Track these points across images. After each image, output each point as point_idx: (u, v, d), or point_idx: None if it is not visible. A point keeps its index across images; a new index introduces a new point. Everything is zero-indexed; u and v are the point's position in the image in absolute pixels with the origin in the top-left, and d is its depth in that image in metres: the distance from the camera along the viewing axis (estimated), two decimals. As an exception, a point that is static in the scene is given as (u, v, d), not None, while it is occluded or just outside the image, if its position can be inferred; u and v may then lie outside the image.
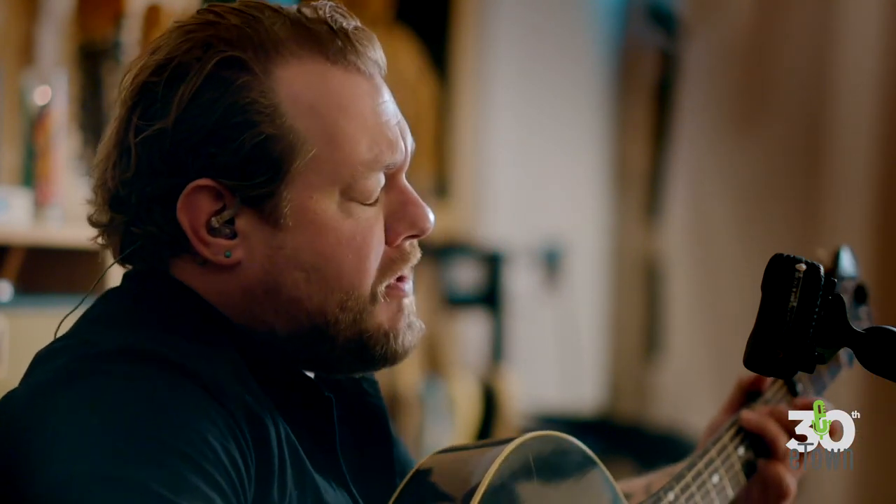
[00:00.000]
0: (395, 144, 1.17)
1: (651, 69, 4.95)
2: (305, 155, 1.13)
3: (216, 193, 1.13)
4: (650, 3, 4.89)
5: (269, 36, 1.14)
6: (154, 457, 1.00)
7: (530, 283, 4.68)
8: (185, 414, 1.04)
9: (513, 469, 1.19)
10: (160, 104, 1.12)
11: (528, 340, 4.60)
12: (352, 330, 1.16)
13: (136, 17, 2.86)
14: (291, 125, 1.13)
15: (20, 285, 2.49)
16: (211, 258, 1.14)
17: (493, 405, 4.11)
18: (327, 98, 1.15)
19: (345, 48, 1.16)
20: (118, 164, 1.14)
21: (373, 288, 1.16)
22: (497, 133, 4.59)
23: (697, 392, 4.40)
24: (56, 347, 1.13)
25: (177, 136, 1.12)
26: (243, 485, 1.04)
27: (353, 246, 1.15)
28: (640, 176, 5.01)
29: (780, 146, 4.14)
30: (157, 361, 1.07)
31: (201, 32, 1.14)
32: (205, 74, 1.12)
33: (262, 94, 1.12)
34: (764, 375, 1.29)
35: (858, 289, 1.55)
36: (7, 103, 2.58)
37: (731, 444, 1.42)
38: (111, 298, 1.19)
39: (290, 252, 1.14)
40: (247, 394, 1.09)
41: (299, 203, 1.13)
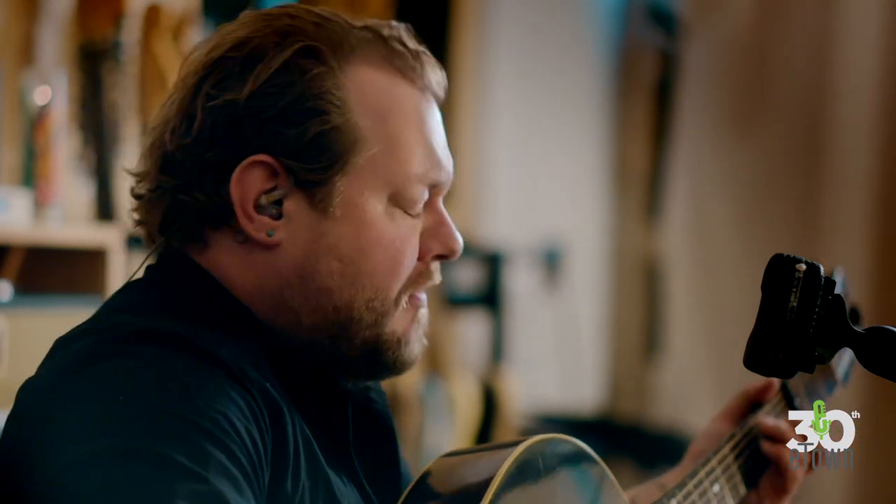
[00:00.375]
0: (442, 166, 1.23)
1: (651, 69, 4.95)
2: (365, 152, 1.16)
3: (271, 171, 1.15)
4: (650, 3, 4.89)
5: (347, 37, 1.18)
6: (179, 433, 1.01)
7: (530, 283, 4.68)
8: (208, 393, 1.05)
9: (521, 472, 1.20)
10: (235, 77, 1.15)
11: (528, 340, 4.60)
12: (371, 331, 1.18)
13: (136, 17, 2.86)
14: (357, 122, 1.16)
15: (20, 285, 2.49)
16: (253, 234, 1.16)
17: (493, 405, 4.11)
18: (393, 105, 1.19)
19: (414, 65, 1.21)
20: (178, 128, 1.16)
21: (398, 294, 1.19)
22: (497, 133, 4.59)
23: (697, 392, 4.40)
24: (77, 332, 1.14)
25: (247, 109, 1.14)
26: (262, 466, 1.05)
27: (391, 249, 1.18)
28: (640, 176, 5.01)
29: (780, 146, 4.14)
30: (181, 343, 1.08)
31: (280, 21, 1.18)
32: (283, 58, 1.15)
33: (335, 86, 1.16)
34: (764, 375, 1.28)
35: (852, 311, 1.55)
36: (7, 103, 2.58)
37: (732, 454, 1.43)
38: (132, 289, 1.20)
39: (332, 241, 1.16)
40: (266, 382, 1.10)
41: (350, 196, 1.16)
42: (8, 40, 2.72)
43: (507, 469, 1.18)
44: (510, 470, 1.18)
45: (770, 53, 4.17)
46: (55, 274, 2.53)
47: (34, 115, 2.51)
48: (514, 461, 1.19)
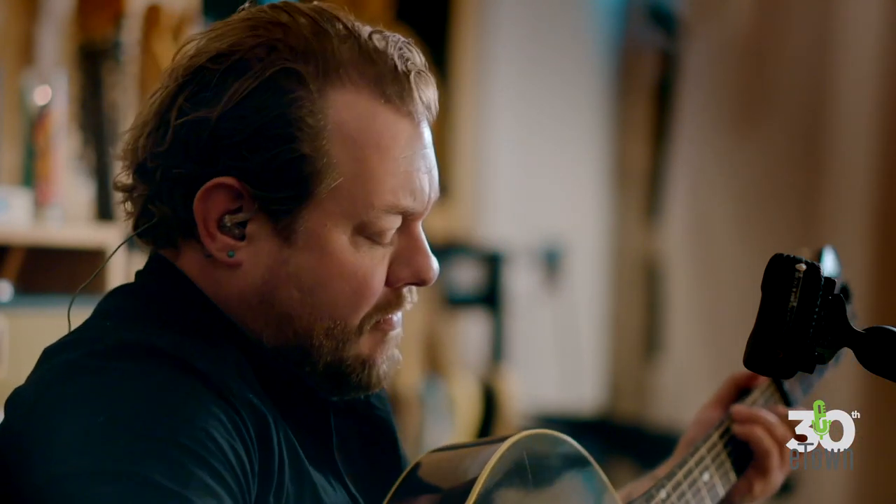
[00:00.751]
0: (418, 193, 1.18)
1: (651, 69, 4.95)
2: (331, 182, 1.14)
3: (236, 194, 1.14)
4: (650, 3, 4.89)
5: (334, 56, 1.14)
6: (160, 452, 1.00)
7: (530, 283, 4.68)
8: (191, 410, 1.04)
9: (507, 467, 1.20)
10: (211, 93, 1.13)
11: (528, 340, 4.60)
12: (332, 356, 1.17)
13: (136, 17, 2.86)
14: (328, 150, 1.13)
15: (20, 285, 2.49)
16: (214, 253, 1.15)
17: (493, 405, 4.11)
18: (369, 135, 1.15)
19: (402, 90, 1.16)
20: (153, 134, 1.15)
21: (362, 322, 1.17)
22: (497, 133, 4.59)
23: (697, 392, 4.39)
24: (63, 343, 1.14)
25: (217, 130, 1.12)
26: (248, 482, 1.05)
27: (353, 281, 1.16)
28: (640, 176, 5.01)
29: (780, 146, 4.14)
30: (163, 358, 1.07)
31: (269, 33, 1.15)
32: (262, 78, 1.12)
33: (310, 112, 1.13)
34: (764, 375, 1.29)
35: (842, 288, 1.55)
36: (7, 103, 2.58)
37: (721, 441, 1.44)
38: (119, 294, 1.20)
39: (293, 269, 1.15)
40: (250, 392, 1.10)
41: (313, 227, 1.14)
42: (8, 40, 2.72)
43: (493, 465, 1.18)
44: (496, 466, 1.18)
45: (770, 53, 4.17)
46: (55, 274, 2.53)
47: (34, 115, 2.51)
48: (500, 457, 1.19)
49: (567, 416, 4.56)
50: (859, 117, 3.86)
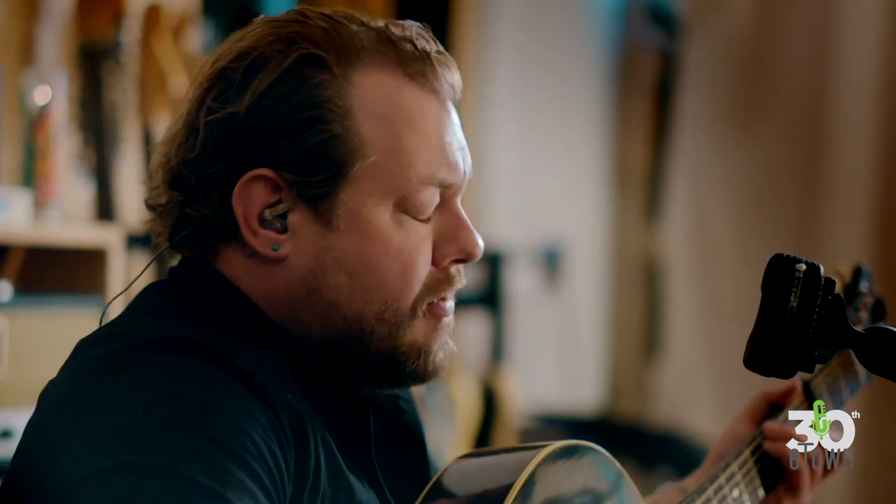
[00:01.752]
0: (453, 165, 1.18)
1: (651, 69, 4.94)
2: (366, 160, 1.14)
3: (274, 185, 1.14)
4: (650, 3, 4.89)
5: (353, 42, 1.16)
6: (199, 449, 1.00)
7: (530, 283, 4.67)
8: (230, 409, 1.04)
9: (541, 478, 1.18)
10: (236, 89, 1.14)
11: (528, 340, 4.60)
12: (386, 343, 1.16)
13: (136, 17, 2.86)
14: (358, 129, 1.14)
15: (20, 285, 2.49)
16: (258, 249, 1.15)
17: (493, 405, 4.11)
18: (397, 110, 1.16)
19: (424, 68, 1.17)
20: (184, 143, 1.16)
21: (414, 304, 1.17)
22: (497, 133, 4.59)
23: (697, 392, 4.40)
24: (99, 335, 1.13)
25: (247, 123, 1.13)
26: (283, 483, 1.04)
27: (400, 258, 1.15)
28: (640, 176, 5.01)
29: (780, 146, 4.14)
30: (203, 354, 1.07)
31: (287, 28, 1.16)
32: (284, 67, 1.13)
33: (337, 93, 1.14)
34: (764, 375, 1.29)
35: (877, 304, 1.55)
36: (7, 103, 2.58)
37: (752, 458, 1.42)
38: (156, 291, 1.20)
39: (338, 254, 1.14)
40: (287, 392, 1.09)
41: (354, 207, 1.14)
42: (8, 40, 2.72)
43: (529, 473, 1.16)
44: (530, 476, 1.16)
45: (770, 53, 4.17)
46: (55, 274, 2.53)
47: (34, 115, 2.50)
48: (534, 467, 1.17)
49: (567, 416, 4.56)
50: (859, 117, 3.86)
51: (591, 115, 4.96)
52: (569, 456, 1.22)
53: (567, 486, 1.22)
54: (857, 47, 3.88)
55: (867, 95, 3.84)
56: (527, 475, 1.16)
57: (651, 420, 4.72)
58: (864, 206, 3.82)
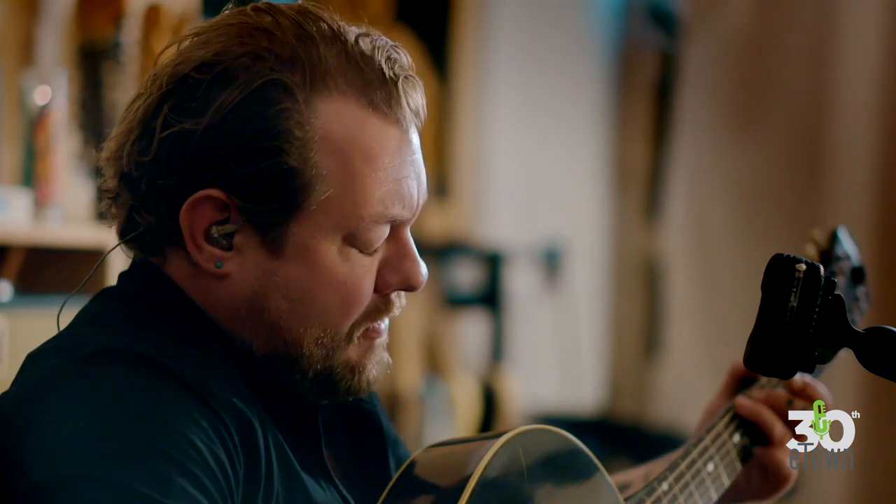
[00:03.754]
0: (406, 201, 1.17)
1: (651, 69, 4.95)
2: (320, 195, 1.13)
3: (223, 205, 1.13)
4: (650, 3, 4.89)
5: (321, 64, 1.13)
6: (140, 459, 1.00)
7: (530, 283, 4.68)
8: (172, 417, 1.04)
9: (503, 462, 1.19)
10: (196, 104, 1.12)
11: (528, 340, 4.60)
12: (322, 364, 1.17)
13: (136, 17, 2.86)
14: (316, 162, 1.12)
15: (20, 285, 2.49)
16: (201, 264, 1.14)
17: (493, 405, 4.11)
18: (358, 145, 1.14)
19: (390, 98, 1.15)
20: (137, 143, 1.14)
21: (350, 330, 1.17)
22: (497, 133, 4.59)
23: (697, 392, 4.39)
24: (47, 348, 1.13)
25: (203, 142, 1.11)
26: (230, 487, 1.04)
27: (342, 290, 1.15)
28: (640, 176, 5.01)
29: (779, 146, 4.14)
30: (146, 364, 1.07)
31: (254, 40, 1.13)
32: (248, 90, 1.11)
33: (298, 124, 1.12)
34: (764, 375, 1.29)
35: (855, 270, 1.55)
36: (7, 103, 2.58)
37: (726, 431, 1.42)
38: (104, 298, 1.19)
39: (281, 280, 1.14)
40: (235, 397, 1.09)
41: (302, 239, 1.13)
42: (8, 40, 2.71)
43: (489, 458, 1.18)
44: (492, 461, 1.18)
45: (770, 54, 4.17)
46: (55, 274, 2.53)
47: (34, 115, 2.50)
48: (495, 452, 1.19)
49: (567, 416, 4.56)
50: (859, 117, 3.86)
51: (591, 115, 4.96)
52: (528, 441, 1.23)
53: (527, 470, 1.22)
54: (857, 47, 3.88)
55: (867, 95, 3.84)
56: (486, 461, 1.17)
57: (651, 420, 4.72)
58: (864, 206, 3.82)
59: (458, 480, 1.17)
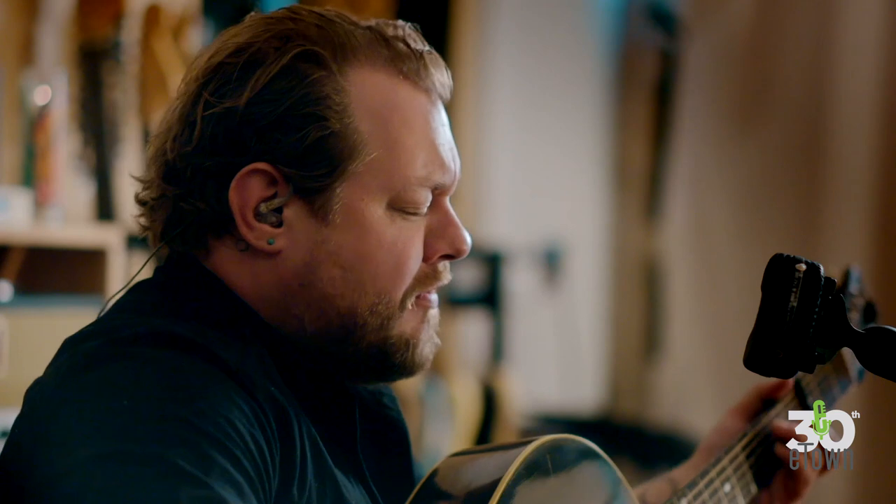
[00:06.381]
0: (447, 167, 1.20)
1: (651, 69, 4.94)
2: (365, 157, 1.15)
3: (270, 179, 1.15)
4: (650, 3, 4.89)
5: (348, 39, 1.17)
6: (183, 437, 1.00)
7: (530, 283, 4.67)
8: (214, 399, 1.04)
9: (529, 473, 1.19)
10: (234, 84, 1.14)
11: (528, 340, 4.60)
12: (377, 335, 1.18)
13: (136, 17, 2.86)
14: (357, 126, 1.15)
15: (20, 285, 2.49)
16: (253, 242, 1.16)
17: (493, 405, 4.11)
18: (394, 108, 1.17)
19: (418, 67, 1.19)
20: (179, 136, 1.16)
21: (404, 296, 1.18)
22: (497, 133, 4.59)
23: (697, 392, 4.40)
24: (85, 332, 1.14)
25: (245, 117, 1.14)
26: (268, 473, 1.05)
27: (393, 252, 1.17)
28: (640, 176, 5.01)
29: (780, 146, 4.14)
30: (188, 347, 1.08)
31: (281, 26, 1.17)
32: (282, 63, 1.14)
33: (335, 90, 1.15)
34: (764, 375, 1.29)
35: (868, 306, 1.55)
36: (7, 103, 2.58)
37: (743, 453, 1.42)
38: (141, 290, 1.20)
39: (333, 248, 1.16)
40: (272, 386, 1.10)
41: (349, 202, 1.16)
42: (8, 40, 2.71)
43: (515, 469, 1.18)
44: (518, 470, 1.18)
45: (770, 53, 4.17)
46: (55, 274, 2.53)
47: (34, 115, 2.51)
48: (522, 461, 1.19)
49: (567, 416, 4.56)
50: (859, 117, 3.86)
51: (591, 115, 4.96)
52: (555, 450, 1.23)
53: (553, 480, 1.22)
54: (857, 47, 3.88)
55: (867, 95, 3.84)
56: (513, 471, 1.17)
57: (651, 420, 4.72)
58: (864, 207, 3.82)
59: (485, 489, 1.17)
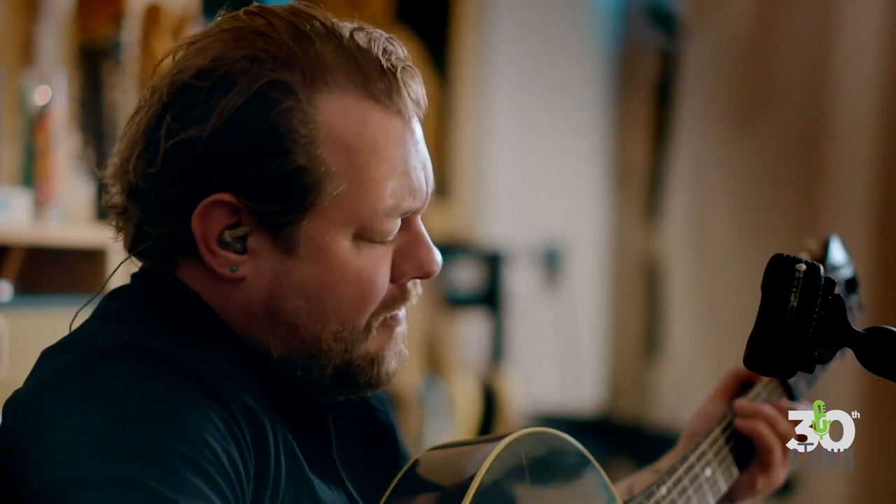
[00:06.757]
0: (417, 192, 1.17)
1: (651, 69, 4.94)
2: (332, 191, 1.13)
3: (234, 208, 1.13)
4: (650, 3, 4.89)
5: (318, 62, 1.13)
6: (154, 456, 1.00)
7: (530, 283, 4.68)
8: (186, 414, 1.04)
9: (505, 465, 1.19)
10: (198, 111, 1.12)
11: (528, 340, 4.60)
12: (341, 358, 1.17)
13: (136, 17, 2.86)
14: (325, 159, 1.12)
15: (20, 285, 2.49)
16: (217, 269, 1.14)
17: (493, 405, 4.11)
18: (363, 138, 1.14)
19: (390, 89, 1.15)
20: (142, 155, 1.14)
21: (368, 321, 1.17)
22: (497, 133, 4.59)
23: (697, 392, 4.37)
24: (61, 344, 1.13)
25: (210, 148, 1.11)
26: (242, 486, 1.05)
27: (358, 283, 1.15)
28: (640, 176, 5.01)
29: (779, 146, 4.14)
30: (158, 360, 1.07)
31: (250, 43, 1.13)
32: (250, 92, 1.11)
33: (302, 123, 1.12)
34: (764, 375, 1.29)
35: (849, 279, 1.55)
36: (7, 103, 2.58)
37: (723, 436, 1.43)
38: (118, 297, 1.20)
39: (297, 280, 1.14)
40: (246, 395, 1.09)
41: (315, 236, 1.13)
42: (8, 40, 2.72)
43: (490, 463, 1.18)
44: (494, 463, 1.18)
45: (770, 54, 4.17)
46: (55, 274, 2.53)
47: (34, 115, 2.51)
48: (497, 455, 1.19)
49: (567, 416, 4.56)
50: (859, 117, 3.86)
51: (591, 115, 4.96)
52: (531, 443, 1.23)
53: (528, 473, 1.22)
54: (857, 47, 3.88)
55: (867, 95, 3.84)
56: (488, 463, 1.17)
57: (651, 420, 4.72)
58: (864, 206, 3.82)
59: (461, 482, 1.17)
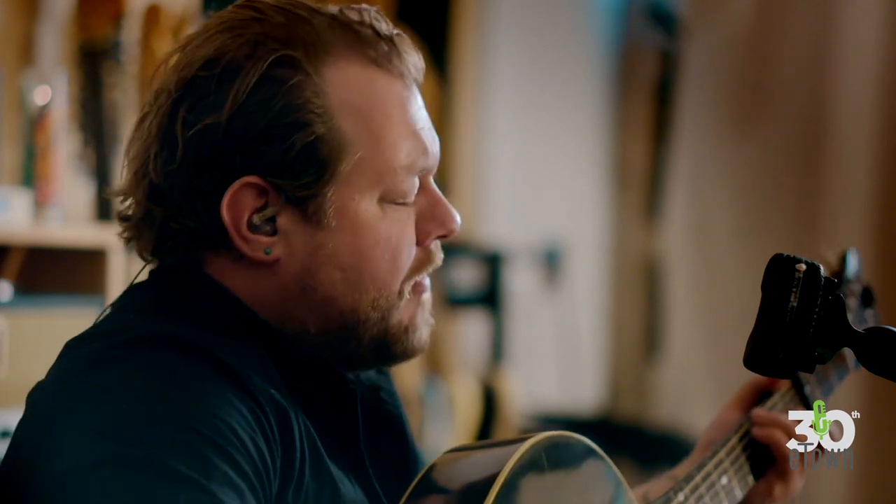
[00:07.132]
0: (428, 150, 1.20)
1: (651, 69, 4.94)
2: (352, 157, 1.15)
3: (260, 191, 1.15)
4: (650, 3, 4.89)
5: (319, 36, 1.16)
6: (183, 441, 1.00)
7: (530, 283, 4.68)
8: (214, 403, 1.04)
9: (526, 467, 1.19)
10: (212, 99, 1.13)
11: (528, 340, 4.60)
12: (378, 327, 1.19)
13: (136, 17, 2.86)
14: (340, 127, 1.15)
15: (20, 285, 2.49)
16: (251, 254, 1.16)
17: (493, 405, 4.11)
18: (373, 103, 1.17)
19: (389, 52, 1.18)
20: (160, 155, 1.15)
21: (401, 286, 1.19)
22: (497, 133, 4.59)
23: (697, 392, 4.39)
24: (85, 335, 1.14)
25: (229, 132, 1.13)
26: (269, 476, 1.05)
27: (388, 246, 1.18)
28: (640, 176, 5.01)
29: (779, 146, 4.14)
30: (188, 350, 1.07)
31: (248, 29, 1.15)
32: (259, 73, 1.13)
33: (314, 94, 1.14)
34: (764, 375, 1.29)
35: (865, 291, 1.55)
36: (7, 103, 2.58)
37: (740, 445, 1.43)
38: (140, 290, 1.20)
39: (330, 251, 1.16)
40: (272, 387, 1.10)
41: (342, 204, 1.16)
42: (8, 40, 2.71)
43: (511, 466, 1.17)
44: (515, 467, 1.18)
45: (770, 53, 4.17)
46: (55, 274, 2.53)
47: (34, 115, 2.50)
48: (519, 458, 1.18)
49: (567, 416, 4.56)
50: (859, 117, 3.86)
51: (591, 115, 4.96)
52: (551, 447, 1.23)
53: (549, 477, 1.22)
54: (857, 47, 3.88)
55: (867, 95, 3.84)
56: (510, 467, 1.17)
57: (651, 420, 4.72)
58: (864, 206, 3.82)
59: (483, 483, 1.17)
